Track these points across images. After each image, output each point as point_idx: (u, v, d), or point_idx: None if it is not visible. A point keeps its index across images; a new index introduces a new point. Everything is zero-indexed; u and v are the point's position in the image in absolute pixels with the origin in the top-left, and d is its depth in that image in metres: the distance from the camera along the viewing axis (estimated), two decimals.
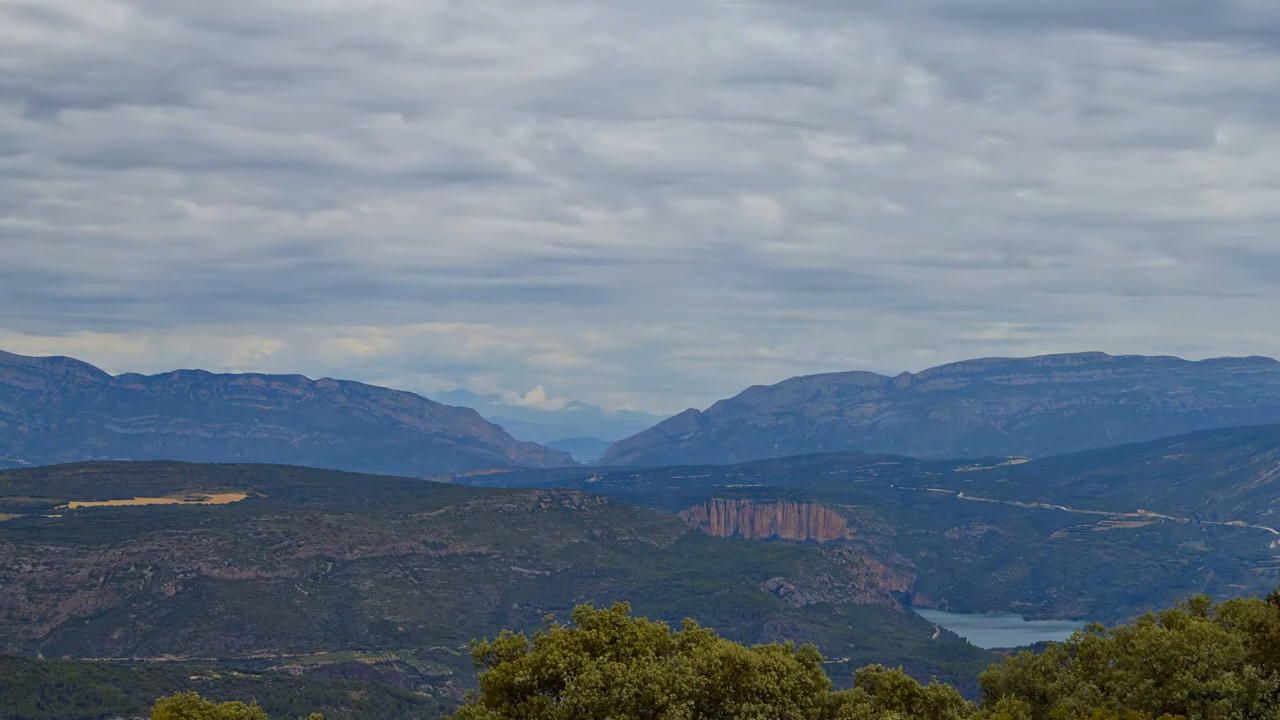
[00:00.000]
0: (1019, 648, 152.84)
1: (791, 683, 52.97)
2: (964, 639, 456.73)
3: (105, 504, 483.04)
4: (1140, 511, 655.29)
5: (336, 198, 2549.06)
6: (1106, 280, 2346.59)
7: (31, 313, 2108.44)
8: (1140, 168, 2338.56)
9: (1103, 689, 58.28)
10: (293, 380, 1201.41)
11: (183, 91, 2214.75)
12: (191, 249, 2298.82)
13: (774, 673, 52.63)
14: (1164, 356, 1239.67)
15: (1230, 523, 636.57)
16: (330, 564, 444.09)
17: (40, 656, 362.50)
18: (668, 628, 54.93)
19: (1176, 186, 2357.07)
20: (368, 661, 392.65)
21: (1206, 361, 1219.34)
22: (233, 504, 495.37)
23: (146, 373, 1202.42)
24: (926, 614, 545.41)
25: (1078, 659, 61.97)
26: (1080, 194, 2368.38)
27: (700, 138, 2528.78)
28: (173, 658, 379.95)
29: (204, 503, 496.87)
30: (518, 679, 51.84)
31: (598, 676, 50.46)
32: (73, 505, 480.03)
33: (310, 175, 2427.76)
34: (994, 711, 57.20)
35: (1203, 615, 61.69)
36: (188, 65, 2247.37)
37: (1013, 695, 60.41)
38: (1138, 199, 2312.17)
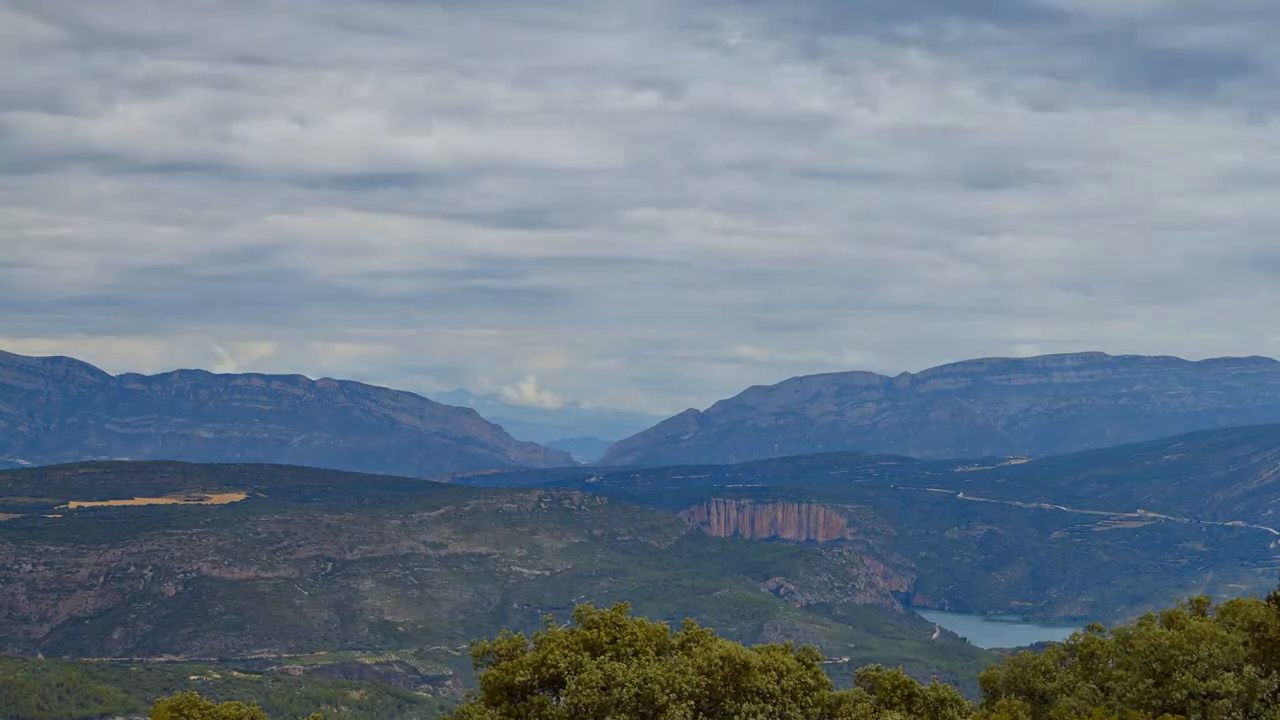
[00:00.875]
0: (1019, 648, 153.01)
1: (791, 683, 52.97)
2: (964, 639, 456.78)
3: (105, 504, 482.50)
4: (1140, 511, 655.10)
5: (271, 204, 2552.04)
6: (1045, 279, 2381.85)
7: (10, 317, 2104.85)
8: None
9: (1103, 689, 58.27)
10: (293, 380, 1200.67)
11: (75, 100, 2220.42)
12: (148, 254, 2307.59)
13: (774, 673, 52.64)
14: (1164, 356, 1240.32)
15: (1230, 523, 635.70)
16: (330, 564, 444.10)
17: (40, 656, 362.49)
18: (668, 628, 54.95)
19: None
20: (368, 661, 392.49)
21: (1206, 361, 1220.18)
22: (233, 504, 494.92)
23: (146, 373, 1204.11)
24: (926, 614, 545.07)
25: (1077, 659, 62.00)
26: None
27: (603, 141, 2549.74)
28: (173, 658, 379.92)
29: (204, 503, 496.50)
30: (518, 678, 51.86)
31: (598, 676, 50.47)
32: (73, 505, 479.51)
33: (235, 182, 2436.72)
34: (994, 711, 57.21)
35: (1203, 615, 61.71)
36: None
37: (1013, 695, 60.43)
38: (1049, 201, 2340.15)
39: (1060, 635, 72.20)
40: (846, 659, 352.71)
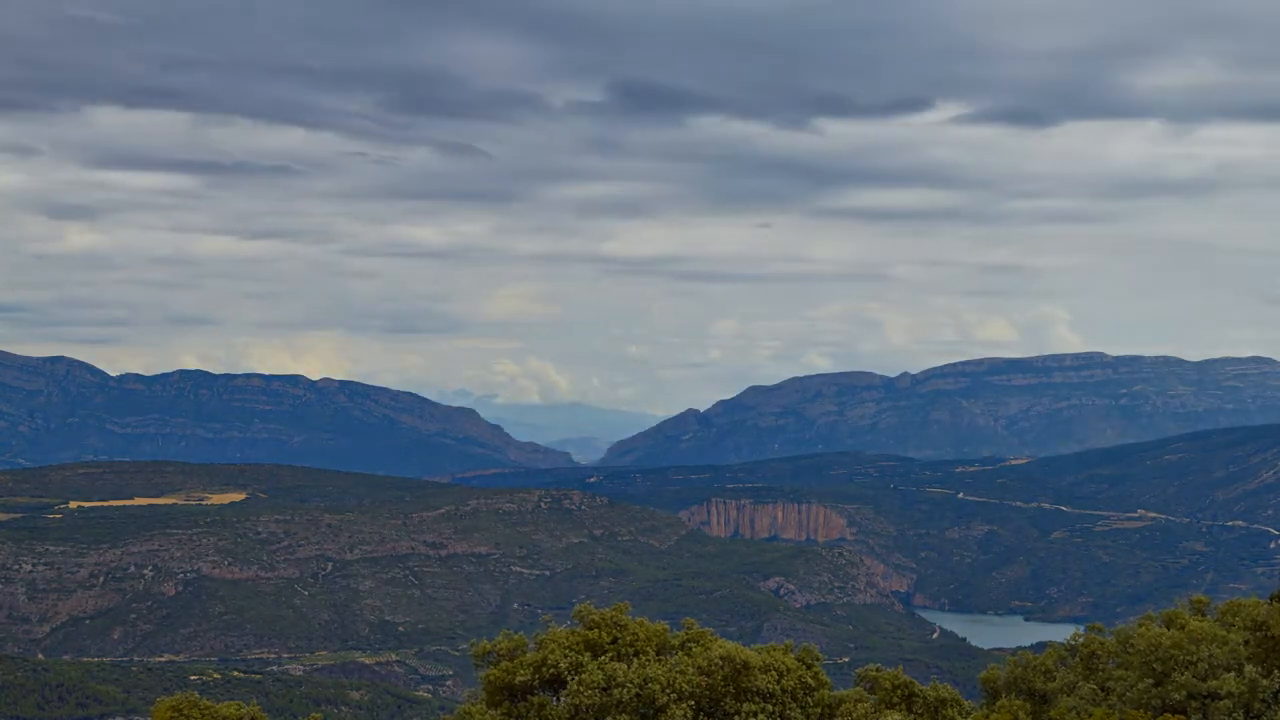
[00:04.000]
0: (1019, 648, 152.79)
1: (792, 683, 52.91)
2: (964, 639, 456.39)
3: (105, 504, 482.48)
4: (1140, 511, 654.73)
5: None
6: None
7: None
8: None
9: (1103, 689, 58.20)
10: (293, 380, 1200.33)
11: None
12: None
13: (774, 673, 52.57)
14: (1164, 356, 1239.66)
15: (1230, 523, 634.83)
16: (330, 564, 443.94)
17: (40, 656, 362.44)
18: (668, 628, 54.91)
19: None
20: (368, 661, 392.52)
21: (1206, 361, 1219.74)
22: (233, 504, 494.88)
23: (147, 373, 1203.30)
24: (926, 614, 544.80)
25: (1078, 659, 61.92)
26: None
27: None
28: (173, 658, 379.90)
29: (204, 503, 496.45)
30: (518, 679, 51.81)
31: (599, 676, 50.43)
32: (73, 505, 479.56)
33: None
34: (994, 711, 57.16)
35: (1203, 615, 61.64)
36: None
37: (1013, 695, 60.39)
38: None
39: (1060, 635, 72.04)
40: (846, 659, 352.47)
